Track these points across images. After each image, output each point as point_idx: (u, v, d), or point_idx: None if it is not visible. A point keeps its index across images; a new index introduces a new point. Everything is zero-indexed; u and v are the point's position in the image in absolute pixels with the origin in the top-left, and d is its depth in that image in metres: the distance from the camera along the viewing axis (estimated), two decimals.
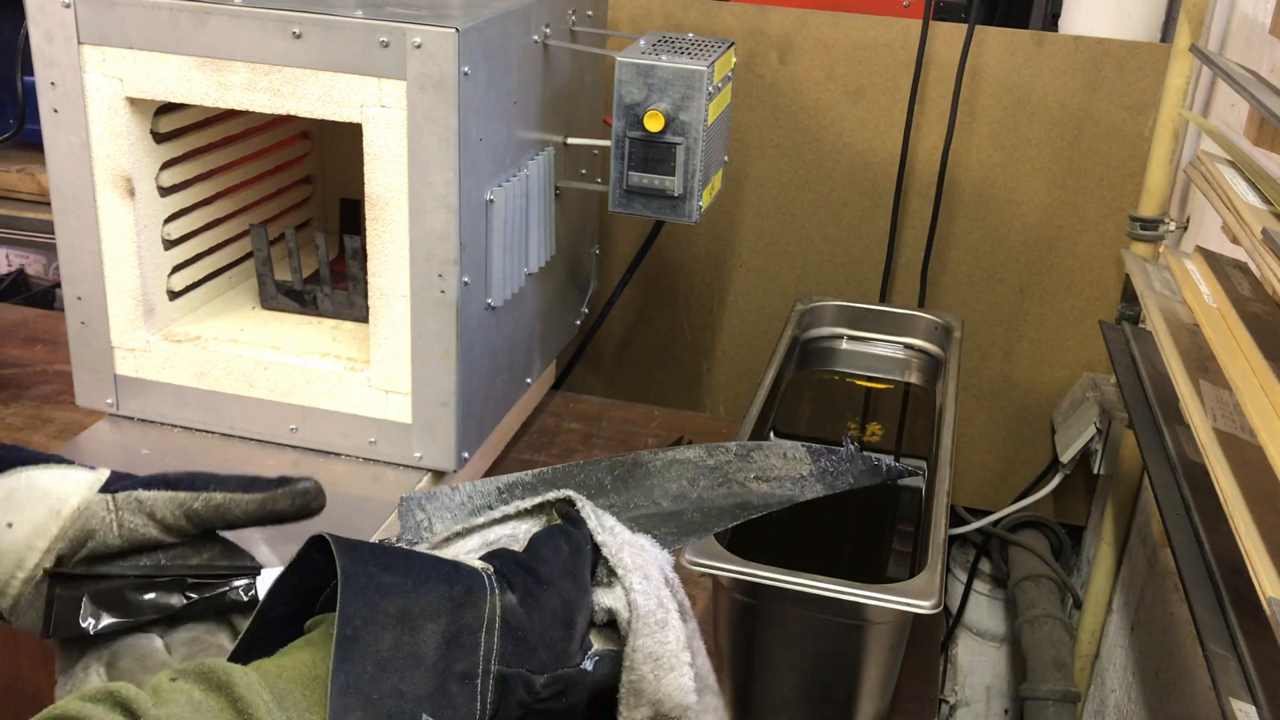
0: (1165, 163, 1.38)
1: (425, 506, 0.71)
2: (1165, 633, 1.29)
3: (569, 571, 0.60)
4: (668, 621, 0.61)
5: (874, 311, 1.35)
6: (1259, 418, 0.76)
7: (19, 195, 1.81)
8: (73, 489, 0.63)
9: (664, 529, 0.72)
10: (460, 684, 0.54)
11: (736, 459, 0.75)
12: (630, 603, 0.60)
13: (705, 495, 0.74)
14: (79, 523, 0.63)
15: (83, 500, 0.62)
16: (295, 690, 0.52)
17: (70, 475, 0.63)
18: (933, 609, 0.81)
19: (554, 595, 0.59)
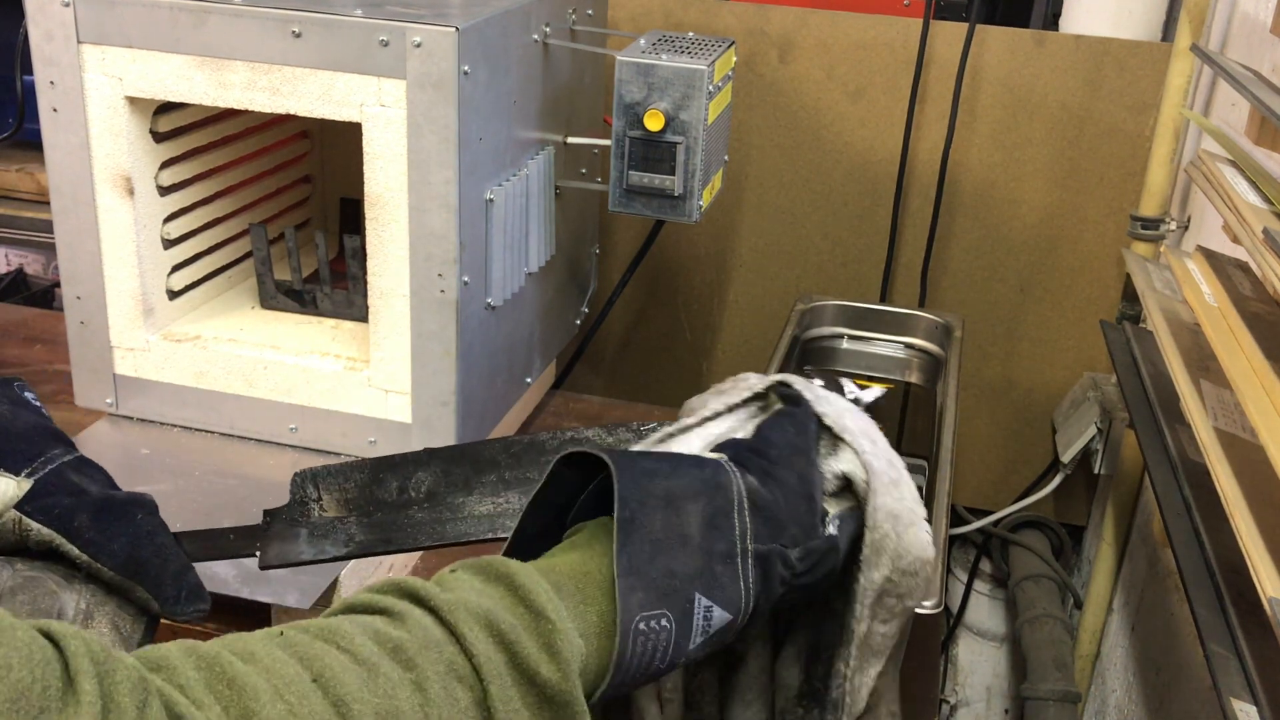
0: (1166, 162, 1.38)
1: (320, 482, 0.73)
2: (1166, 632, 1.29)
3: (798, 449, 0.64)
4: (900, 479, 0.64)
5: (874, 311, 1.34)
6: (1260, 417, 0.76)
7: (18, 195, 1.81)
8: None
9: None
10: (723, 564, 0.58)
11: (634, 437, 0.75)
12: (864, 464, 0.63)
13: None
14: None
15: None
16: (569, 584, 0.56)
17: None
18: (933, 609, 0.81)
19: (790, 473, 0.62)
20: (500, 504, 0.71)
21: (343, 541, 0.70)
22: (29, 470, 0.65)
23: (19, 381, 0.72)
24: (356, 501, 0.72)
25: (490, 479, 0.72)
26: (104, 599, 0.64)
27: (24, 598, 0.62)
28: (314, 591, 0.90)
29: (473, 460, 0.73)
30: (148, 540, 0.65)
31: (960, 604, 1.74)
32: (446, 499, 0.72)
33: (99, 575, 0.64)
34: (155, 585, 0.64)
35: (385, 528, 0.70)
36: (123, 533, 0.65)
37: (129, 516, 0.66)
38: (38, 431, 0.69)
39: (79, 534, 0.64)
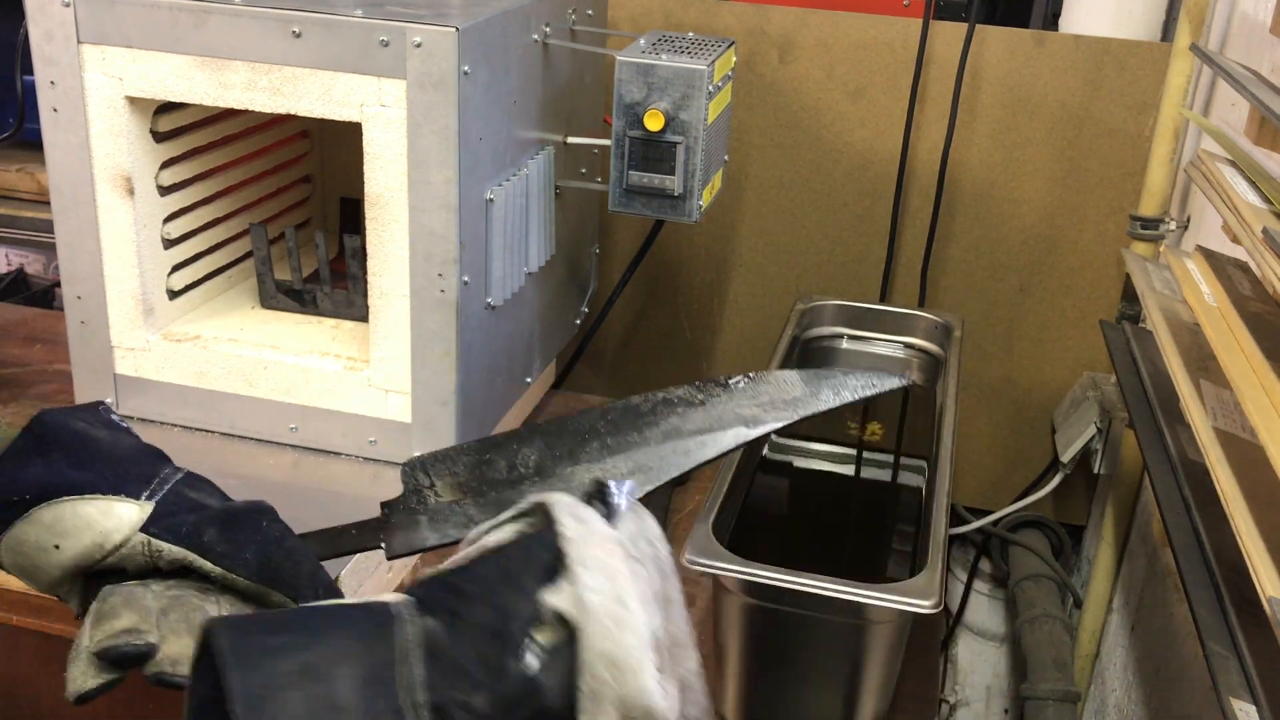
0: (1166, 162, 1.38)
1: (429, 469, 0.72)
2: (1165, 632, 1.29)
3: (506, 578, 0.56)
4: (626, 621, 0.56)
5: (874, 311, 1.34)
6: (1259, 417, 0.76)
7: (18, 194, 1.81)
8: (115, 525, 0.65)
9: (656, 461, 0.72)
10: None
11: (723, 391, 0.75)
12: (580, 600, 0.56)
13: (698, 426, 0.74)
14: (117, 555, 0.65)
15: (124, 538, 0.65)
16: None
17: (114, 510, 0.65)
18: (933, 609, 0.81)
19: (484, 609, 0.55)
20: (608, 468, 0.72)
21: (462, 522, 0.71)
22: (148, 493, 0.66)
23: (104, 405, 0.72)
24: (469, 484, 0.73)
25: (594, 446, 0.73)
26: (243, 608, 0.66)
27: (176, 617, 0.63)
28: None
29: (574, 432, 0.74)
30: (277, 545, 0.66)
31: (960, 604, 1.74)
32: (556, 470, 0.72)
33: (234, 586, 0.65)
34: (291, 588, 0.65)
35: (502, 505, 0.70)
36: (252, 541, 0.65)
37: (255, 525, 0.66)
38: (143, 453, 0.70)
39: (210, 548, 0.65)
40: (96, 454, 0.68)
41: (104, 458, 0.68)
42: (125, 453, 0.69)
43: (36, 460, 0.66)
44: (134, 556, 0.65)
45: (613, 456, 0.72)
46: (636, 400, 0.75)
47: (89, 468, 0.66)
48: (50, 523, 0.64)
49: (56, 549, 0.64)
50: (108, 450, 0.68)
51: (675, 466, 0.72)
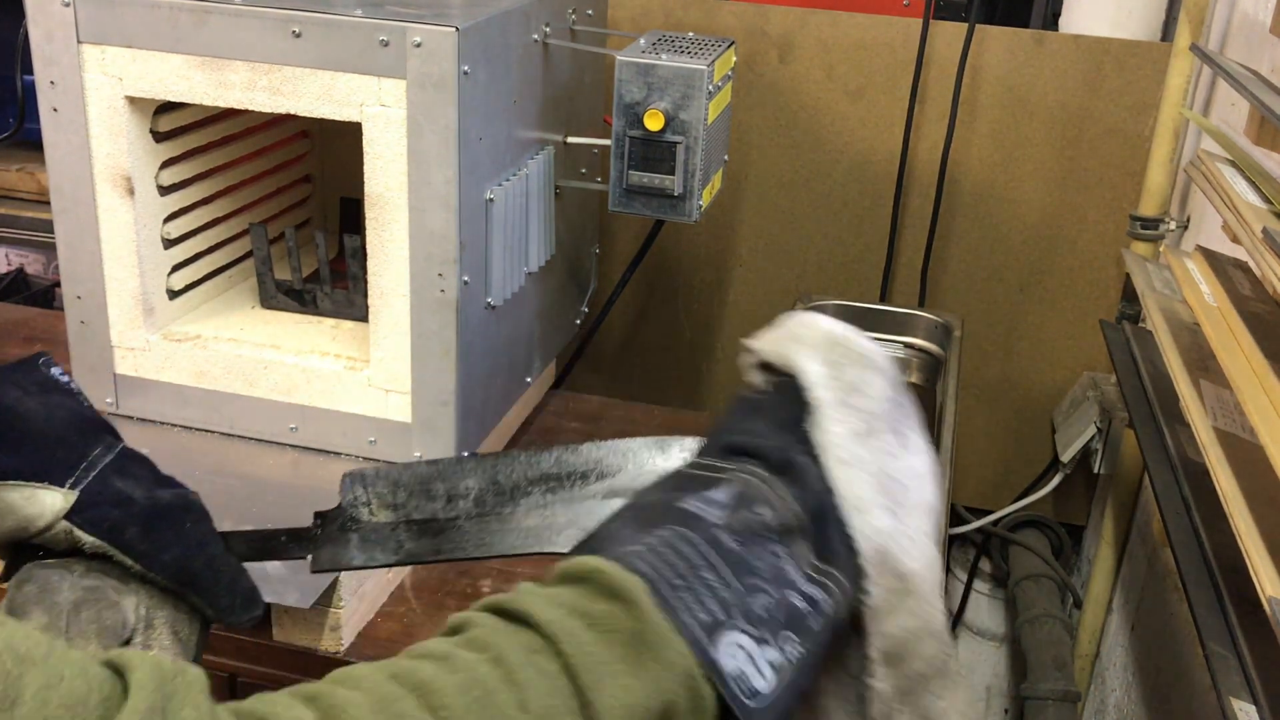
0: (1165, 162, 1.38)
1: (369, 485, 0.71)
2: (1165, 632, 1.29)
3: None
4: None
5: (874, 311, 1.35)
6: (1259, 417, 0.76)
7: (18, 194, 1.81)
8: (39, 512, 0.64)
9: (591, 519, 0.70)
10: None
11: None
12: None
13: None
14: (41, 538, 0.65)
15: (47, 524, 0.65)
16: None
17: (38, 496, 0.65)
18: None
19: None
20: (547, 517, 0.70)
21: (393, 549, 0.70)
22: (72, 481, 0.66)
23: (45, 357, 0.71)
24: (405, 506, 0.72)
25: (537, 490, 0.71)
26: (161, 601, 0.65)
27: (89, 614, 0.63)
28: (314, 591, 0.90)
29: (523, 465, 0.72)
30: (198, 551, 0.66)
31: (960, 603, 1.74)
32: (495, 509, 0.71)
33: (153, 583, 0.65)
34: (209, 595, 0.66)
35: (434, 536, 0.70)
36: (173, 543, 0.65)
37: (178, 525, 0.66)
38: (74, 426, 0.69)
39: (130, 546, 0.65)
40: (25, 434, 0.66)
41: (32, 438, 0.67)
42: (56, 430, 0.68)
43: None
44: (57, 539, 0.65)
45: (554, 505, 0.70)
46: (589, 447, 0.72)
47: (16, 451, 0.66)
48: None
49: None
50: (38, 428, 0.67)
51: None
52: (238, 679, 0.99)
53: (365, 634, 0.97)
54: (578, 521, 0.69)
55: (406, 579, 1.04)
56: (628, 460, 0.72)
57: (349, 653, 0.94)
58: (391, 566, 0.71)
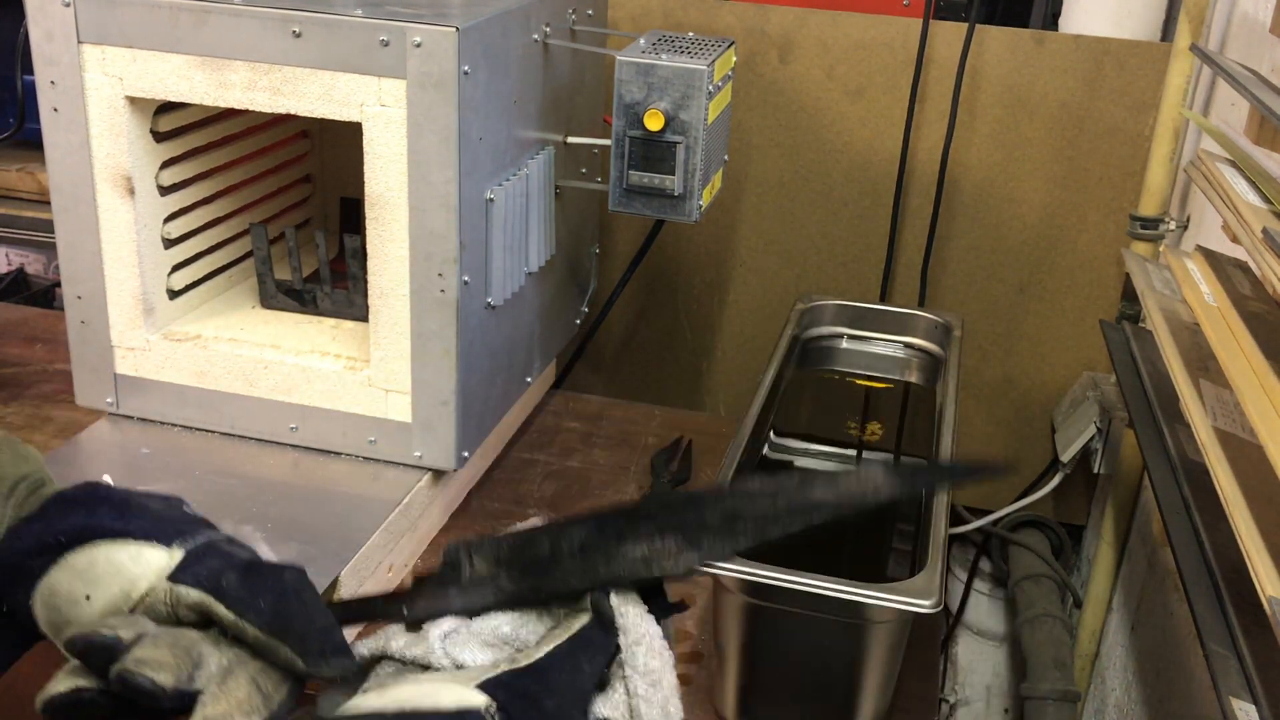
0: (1165, 162, 1.38)
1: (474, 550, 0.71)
2: (1165, 632, 1.29)
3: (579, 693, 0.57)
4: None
5: (874, 311, 1.34)
6: (1259, 417, 0.76)
7: (19, 194, 1.81)
8: (143, 572, 0.64)
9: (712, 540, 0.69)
10: None
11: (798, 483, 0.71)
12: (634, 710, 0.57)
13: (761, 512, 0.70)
14: (142, 605, 0.64)
15: (151, 586, 0.64)
16: None
17: (144, 555, 0.64)
18: (933, 608, 0.81)
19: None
20: (656, 546, 0.68)
21: (492, 593, 0.69)
22: (180, 542, 0.65)
23: (179, 498, 0.72)
24: (508, 560, 0.70)
25: (646, 527, 0.69)
26: (248, 659, 0.63)
27: (165, 636, 0.61)
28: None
29: (628, 515, 0.71)
30: (294, 597, 0.64)
31: (960, 603, 1.74)
32: (600, 548, 0.70)
33: (243, 636, 0.63)
34: (300, 641, 0.63)
35: (535, 576, 0.69)
36: (269, 589, 0.64)
37: (276, 575, 0.65)
38: (191, 519, 0.69)
39: (225, 593, 0.63)
40: (140, 510, 0.67)
41: (147, 514, 0.67)
42: (172, 514, 0.68)
43: (80, 509, 0.66)
44: (157, 607, 0.63)
45: (665, 535, 0.69)
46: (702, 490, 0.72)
47: (128, 519, 0.65)
48: (83, 569, 0.63)
49: (88, 600, 0.63)
50: (155, 510, 0.68)
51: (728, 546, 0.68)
52: None
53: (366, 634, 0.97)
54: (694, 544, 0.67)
55: (407, 579, 1.04)
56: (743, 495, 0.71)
57: None
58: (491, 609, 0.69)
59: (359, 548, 0.97)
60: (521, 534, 0.71)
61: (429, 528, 1.11)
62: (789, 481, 0.71)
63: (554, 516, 0.72)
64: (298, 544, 0.97)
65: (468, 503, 1.18)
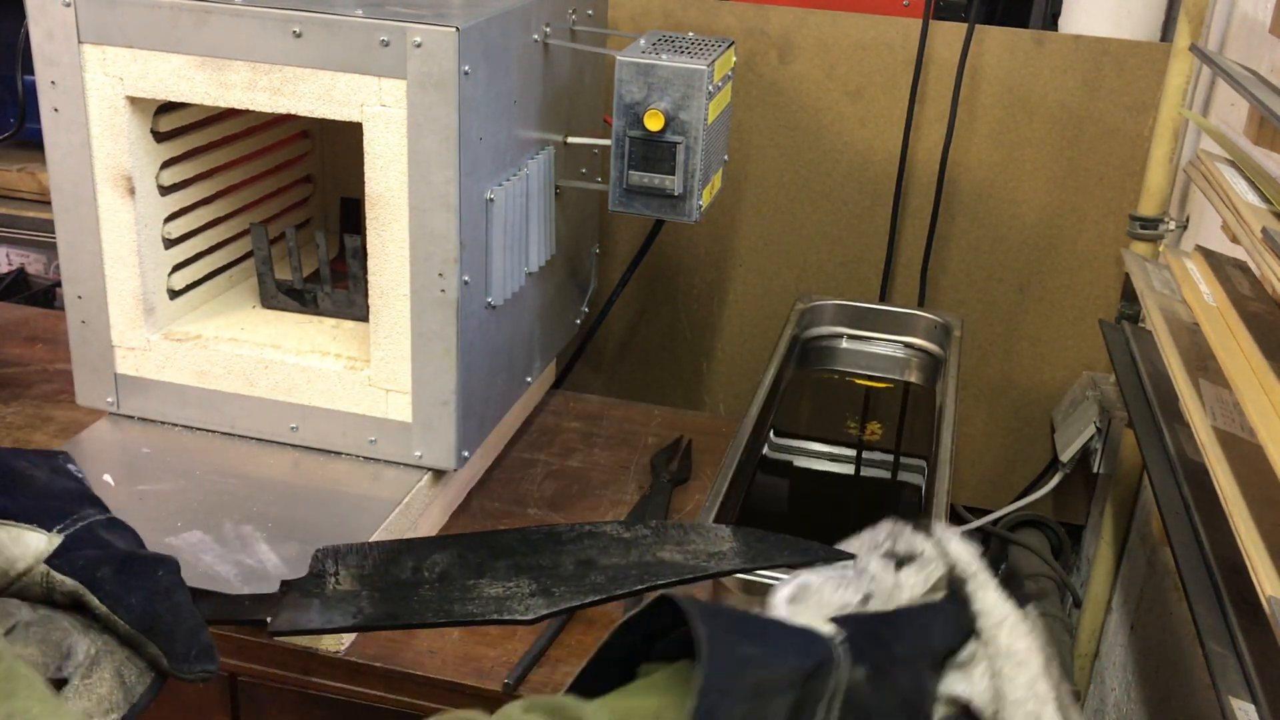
0: (1165, 162, 1.38)
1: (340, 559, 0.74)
2: (1165, 631, 1.29)
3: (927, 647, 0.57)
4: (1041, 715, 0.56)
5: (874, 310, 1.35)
6: (1259, 417, 0.76)
7: (19, 194, 1.81)
8: (21, 554, 0.65)
9: (561, 587, 0.71)
10: None
11: (653, 534, 0.74)
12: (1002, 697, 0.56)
13: (614, 563, 0.73)
14: (19, 584, 0.66)
15: (28, 566, 0.65)
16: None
17: (23, 538, 0.66)
18: None
19: (907, 677, 0.56)
20: (510, 588, 0.71)
21: (352, 614, 0.72)
22: (61, 527, 0.67)
23: (63, 454, 0.74)
24: (371, 578, 0.74)
25: (504, 564, 0.72)
26: (115, 648, 0.65)
27: (37, 630, 0.64)
28: None
29: (489, 546, 0.74)
30: (165, 596, 0.66)
31: None
32: (458, 580, 0.73)
33: (114, 629, 0.65)
34: (167, 641, 0.65)
35: (394, 603, 0.72)
36: (141, 587, 0.66)
37: (150, 572, 0.67)
38: (74, 494, 0.71)
39: (100, 585, 0.65)
40: (25, 487, 0.68)
41: (31, 492, 0.68)
42: (55, 491, 0.70)
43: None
44: (32, 587, 0.65)
45: (520, 576, 0.72)
46: (562, 528, 0.75)
47: (11, 497, 0.67)
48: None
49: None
50: (39, 487, 0.69)
51: (575, 596, 0.70)
52: (238, 679, 0.99)
53: (365, 636, 0.97)
54: (545, 590, 0.70)
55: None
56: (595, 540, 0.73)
57: (348, 653, 0.95)
58: (349, 630, 0.72)
59: None
60: (388, 548, 0.74)
61: (429, 527, 1.11)
62: (644, 532, 0.74)
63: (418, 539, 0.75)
64: (298, 543, 0.97)
65: (468, 502, 1.18)
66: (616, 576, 0.71)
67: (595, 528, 0.74)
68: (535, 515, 1.16)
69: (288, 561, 0.95)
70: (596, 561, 0.72)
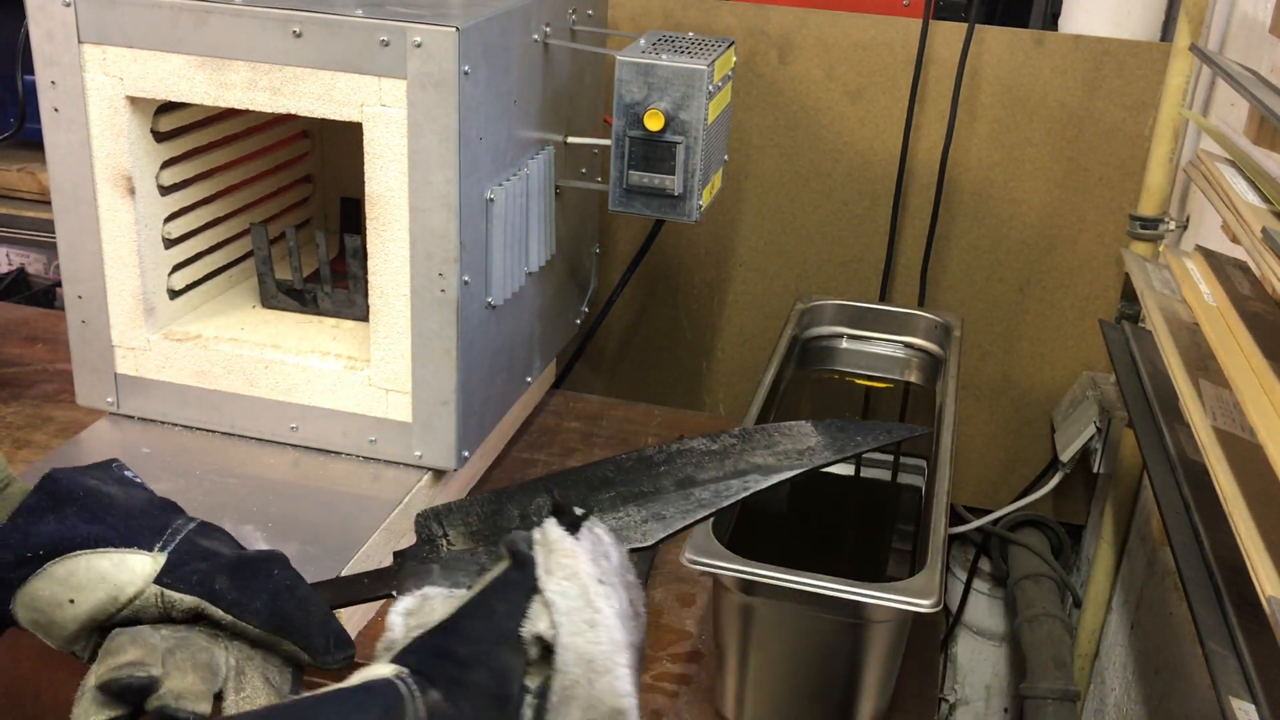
0: (1165, 162, 1.38)
1: (443, 519, 0.72)
2: (1165, 631, 1.29)
3: (502, 635, 0.58)
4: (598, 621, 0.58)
5: (874, 310, 1.34)
6: (1259, 417, 0.76)
7: (19, 194, 1.81)
8: (129, 579, 0.65)
9: (671, 508, 0.72)
10: None
11: (740, 441, 0.75)
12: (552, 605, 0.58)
13: (712, 476, 0.74)
14: (131, 608, 0.65)
15: (138, 590, 0.65)
16: None
17: (127, 562, 0.65)
18: (933, 608, 0.81)
19: (483, 673, 0.56)
20: (620, 517, 0.71)
21: (475, 571, 0.71)
22: (160, 544, 0.67)
23: (116, 462, 0.73)
24: (482, 533, 0.73)
25: (607, 495, 0.72)
26: (251, 654, 0.66)
27: (182, 655, 0.63)
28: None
29: (587, 481, 0.73)
30: (288, 594, 0.66)
31: (959, 603, 1.74)
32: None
33: (244, 633, 0.65)
34: (303, 636, 0.65)
35: None
36: (263, 589, 0.66)
37: (266, 573, 0.67)
38: (155, 505, 0.71)
39: (221, 596, 0.65)
40: (109, 508, 0.68)
41: (117, 511, 0.68)
42: (138, 506, 0.69)
43: (49, 516, 0.67)
44: (148, 609, 0.65)
45: (626, 505, 0.72)
46: (650, 450, 0.75)
47: (101, 521, 0.67)
48: (64, 577, 0.65)
49: (71, 604, 0.64)
50: (121, 504, 0.69)
51: (688, 514, 0.71)
52: None
53: (366, 633, 0.97)
54: (655, 515, 0.70)
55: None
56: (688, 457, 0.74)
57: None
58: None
59: (359, 547, 0.97)
60: (488, 499, 0.73)
61: None
62: (730, 441, 0.74)
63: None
64: (298, 543, 0.97)
65: None
66: (719, 489, 0.72)
67: (682, 444, 0.75)
68: None
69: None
70: (695, 478, 0.73)
